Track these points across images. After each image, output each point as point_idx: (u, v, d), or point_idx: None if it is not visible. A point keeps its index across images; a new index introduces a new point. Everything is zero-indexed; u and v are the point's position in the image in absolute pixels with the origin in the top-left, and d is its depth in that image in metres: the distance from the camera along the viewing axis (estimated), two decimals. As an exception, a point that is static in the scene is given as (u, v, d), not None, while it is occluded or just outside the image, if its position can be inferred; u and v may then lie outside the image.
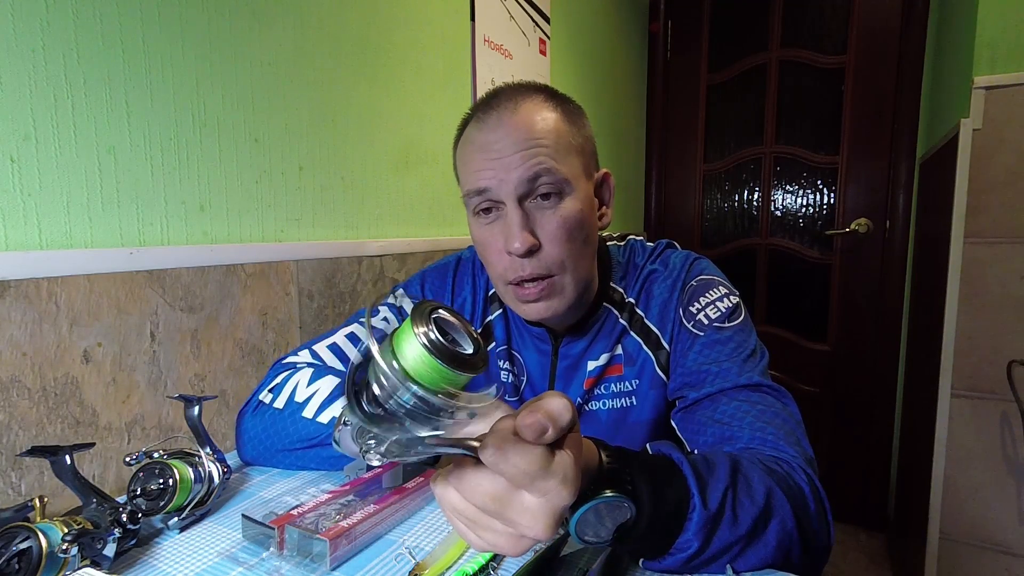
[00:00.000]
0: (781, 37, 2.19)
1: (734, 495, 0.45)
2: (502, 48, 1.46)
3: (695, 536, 0.43)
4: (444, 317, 0.30)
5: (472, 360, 0.29)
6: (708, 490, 0.44)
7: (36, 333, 0.59)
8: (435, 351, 0.28)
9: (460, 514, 0.35)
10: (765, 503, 0.46)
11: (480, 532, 0.35)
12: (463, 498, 0.34)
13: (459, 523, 0.35)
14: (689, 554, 0.43)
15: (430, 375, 0.28)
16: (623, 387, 0.71)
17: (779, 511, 0.47)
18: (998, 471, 1.36)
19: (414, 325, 0.29)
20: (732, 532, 0.44)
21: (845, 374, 2.18)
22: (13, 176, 0.58)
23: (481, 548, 0.35)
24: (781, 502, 0.47)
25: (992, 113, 1.30)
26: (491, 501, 0.33)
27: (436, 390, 0.29)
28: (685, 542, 0.43)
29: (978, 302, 1.35)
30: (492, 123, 0.62)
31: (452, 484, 0.34)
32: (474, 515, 0.34)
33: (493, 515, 0.33)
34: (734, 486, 0.46)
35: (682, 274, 0.70)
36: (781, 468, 0.51)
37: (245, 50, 0.81)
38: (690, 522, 0.42)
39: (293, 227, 0.91)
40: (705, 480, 0.44)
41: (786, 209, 2.26)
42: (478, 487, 0.33)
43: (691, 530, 0.42)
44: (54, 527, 0.44)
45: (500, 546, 0.34)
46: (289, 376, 0.68)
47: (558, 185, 0.61)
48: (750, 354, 0.64)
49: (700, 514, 0.42)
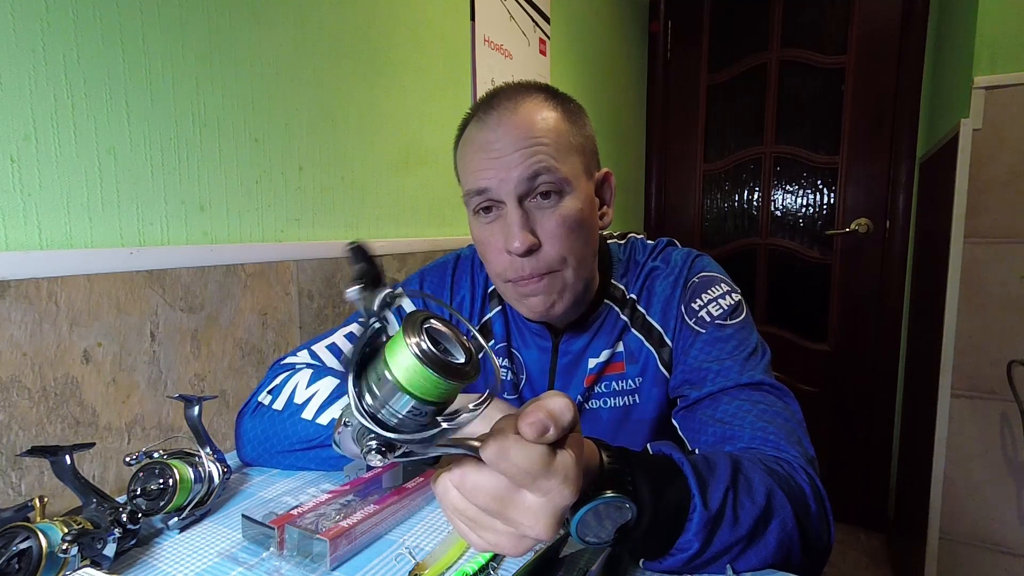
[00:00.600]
0: (781, 37, 2.19)
1: (735, 495, 0.45)
2: (502, 48, 1.46)
3: (696, 536, 0.42)
4: (435, 327, 0.31)
5: (463, 369, 0.30)
6: (709, 490, 0.44)
7: (36, 333, 0.59)
8: (427, 361, 0.28)
9: (461, 514, 0.34)
10: (766, 503, 0.46)
11: (481, 532, 0.35)
12: (464, 498, 0.34)
13: (460, 523, 0.35)
14: (690, 554, 0.43)
15: (423, 385, 0.29)
16: (625, 385, 0.71)
17: (780, 511, 0.47)
18: (998, 471, 1.36)
19: (406, 336, 0.29)
20: (732, 533, 0.44)
21: (845, 374, 2.18)
22: (13, 176, 0.58)
23: (482, 548, 0.35)
24: (782, 502, 0.47)
25: (992, 113, 1.30)
26: (492, 501, 0.33)
27: (428, 399, 0.29)
28: (686, 542, 0.43)
29: (978, 302, 1.35)
30: (492, 122, 0.61)
31: (453, 484, 0.34)
32: (475, 515, 0.34)
33: (494, 515, 0.33)
34: (735, 486, 0.45)
35: (684, 271, 0.70)
36: (782, 468, 0.51)
37: (245, 50, 0.81)
38: (691, 523, 0.42)
39: (293, 227, 0.91)
40: (706, 480, 0.44)
41: (786, 209, 2.26)
42: (479, 487, 0.33)
43: (692, 531, 0.42)
44: (54, 527, 0.44)
45: (501, 546, 0.34)
46: (288, 377, 0.68)
47: (558, 184, 0.61)
48: (752, 352, 0.63)
49: (701, 515, 0.42)
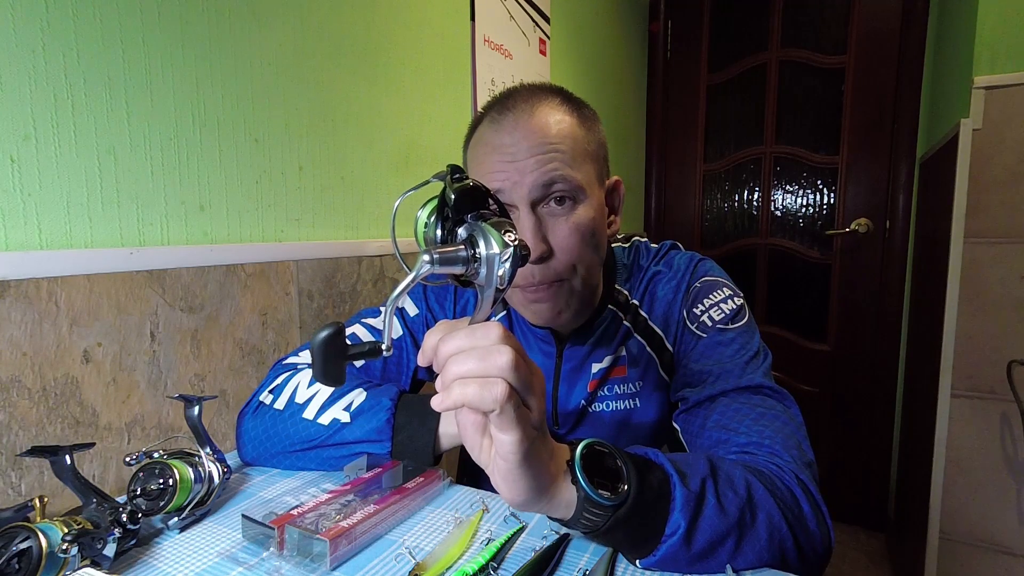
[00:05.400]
0: (781, 37, 2.19)
1: (715, 484, 0.47)
2: (502, 48, 1.46)
3: (681, 514, 0.44)
4: None
5: None
6: (687, 477, 0.46)
7: (36, 333, 0.59)
8: None
9: (445, 356, 0.40)
10: (747, 495, 0.48)
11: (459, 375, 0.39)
12: (454, 344, 0.40)
13: (449, 370, 0.39)
14: (680, 535, 0.44)
15: None
16: (627, 389, 0.71)
17: (763, 504, 0.48)
18: (998, 471, 1.36)
19: None
20: (723, 521, 0.45)
21: (845, 374, 2.18)
22: (13, 176, 0.58)
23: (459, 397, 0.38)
24: (763, 496, 0.48)
25: (992, 113, 1.30)
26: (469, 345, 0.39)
27: None
28: (673, 523, 0.44)
29: (978, 302, 1.35)
30: (508, 125, 0.61)
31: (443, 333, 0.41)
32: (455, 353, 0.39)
33: (470, 355, 0.38)
34: (714, 476, 0.48)
35: (686, 275, 0.70)
36: (767, 472, 0.52)
37: (245, 50, 0.81)
38: (674, 501, 0.44)
39: (293, 227, 0.91)
40: (683, 471, 0.47)
41: (786, 209, 2.26)
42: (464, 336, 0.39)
43: (676, 509, 0.44)
44: (54, 527, 0.44)
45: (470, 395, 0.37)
46: (290, 377, 0.68)
47: (572, 192, 0.60)
48: (752, 356, 0.63)
49: (682, 492, 0.44)
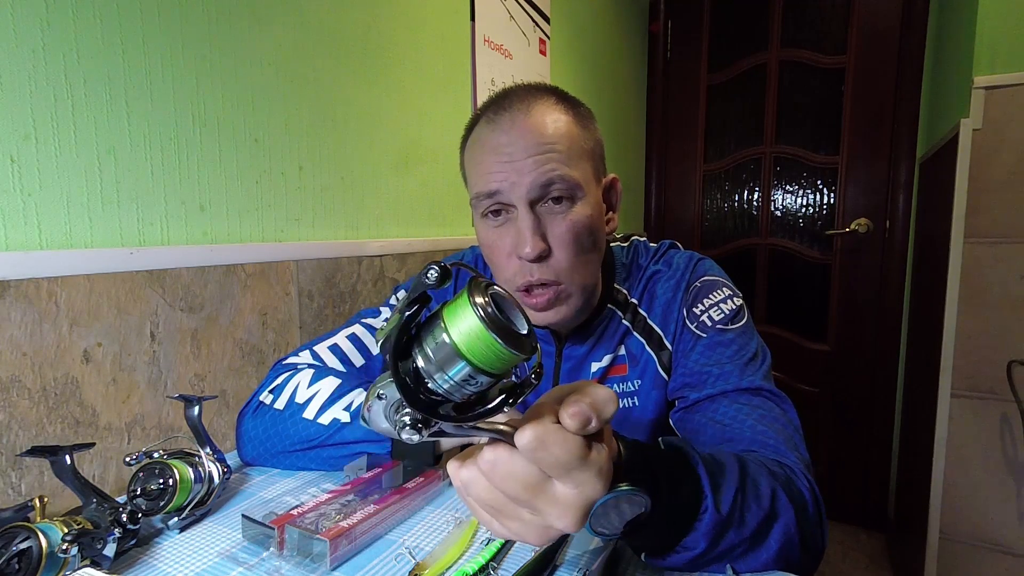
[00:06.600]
0: (781, 37, 2.19)
1: (743, 498, 0.45)
2: (502, 48, 1.46)
3: (703, 537, 0.42)
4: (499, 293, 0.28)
5: (525, 341, 0.27)
6: (721, 492, 0.43)
7: (36, 333, 0.59)
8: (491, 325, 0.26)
9: (486, 502, 0.33)
10: (771, 507, 0.46)
11: (505, 521, 0.33)
12: (492, 485, 0.32)
13: (483, 511, 0.34)
14: (695, 554, 0.43)
15: (483, 351, 0.26)
16: (626, 387, 0.71)
17: (783, 514, 0.47)
18: (998, 471, 1.36)
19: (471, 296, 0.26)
20: (737, 535, 0.44)
21: (845, 374, 2.18)
22: (13, 176, 0.58)
23: (503, 536, 0.34)
24: (785, 505, 0.47)
25: (992, 113, 1.30)
26: (523, 490, 0.31)
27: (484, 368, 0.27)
28: (693, 542, 0.42)
29: (978, 302, 1.35)
30: (505, 125, 0.61)
31: (483, 471, 0.32)
32: (502, 503, 0.33)
33: (522, 504, 0.32)
34: (743, 489, 0.45)
35: (686, 275, 0.70)
36: (784, 471, 0.51)
37: (245, 50, 0.81)
38: (700, 523, 0.42)
39: (293, 227, 0.91)
40: (718, 482, 0.44)
41: (786, 209, 2.26)
42: (512, 474, 0.31)
43: (701, 531, 0.42)
44: (54, 527, 0.44)
45: (525, 536, 0.33)
46: (290, 377, 0.68)
47: (570, 190, 0.60)
48: (751, 357, 0.64)
49: (712, 516, 0.42)
